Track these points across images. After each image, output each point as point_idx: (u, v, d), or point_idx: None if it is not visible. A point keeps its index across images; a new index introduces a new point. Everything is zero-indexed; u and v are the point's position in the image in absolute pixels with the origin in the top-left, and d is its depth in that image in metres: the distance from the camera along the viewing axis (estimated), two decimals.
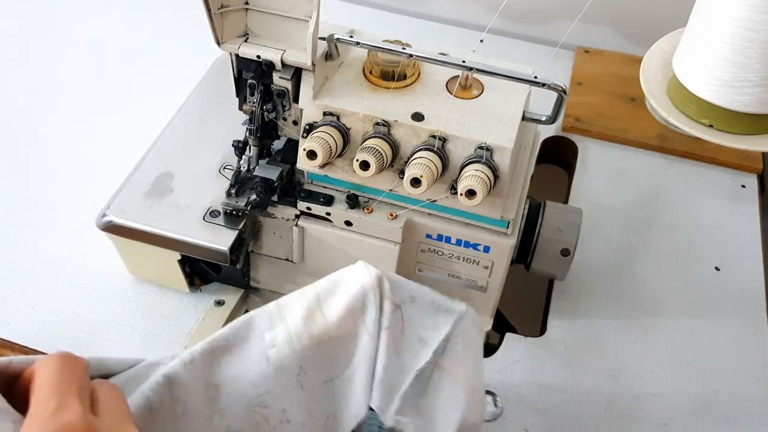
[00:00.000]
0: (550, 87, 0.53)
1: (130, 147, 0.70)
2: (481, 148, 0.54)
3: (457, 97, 0.57)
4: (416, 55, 0.55)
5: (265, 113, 0.60)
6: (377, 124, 0.55)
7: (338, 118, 0.56)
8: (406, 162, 0.55)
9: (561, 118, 0.75)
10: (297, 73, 0.57)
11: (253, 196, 0.61)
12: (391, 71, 0.57)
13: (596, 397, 0.63)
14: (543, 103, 0.59)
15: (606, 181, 0.82)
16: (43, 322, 0.65)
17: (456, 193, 0.54)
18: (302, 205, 0.61)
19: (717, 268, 0.74)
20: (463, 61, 0.55)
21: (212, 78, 0.76)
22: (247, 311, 0.49)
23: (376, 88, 0.58)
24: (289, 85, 0.58)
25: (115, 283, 0.69)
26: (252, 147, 0.61)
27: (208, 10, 0.53)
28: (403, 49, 0.55)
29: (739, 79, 0.61)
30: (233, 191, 0.62)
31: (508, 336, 0.67)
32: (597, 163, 0.84)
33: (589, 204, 0.78)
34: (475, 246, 0.60)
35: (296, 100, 0.58)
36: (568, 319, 0.69)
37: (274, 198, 0.61)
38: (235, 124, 0.63)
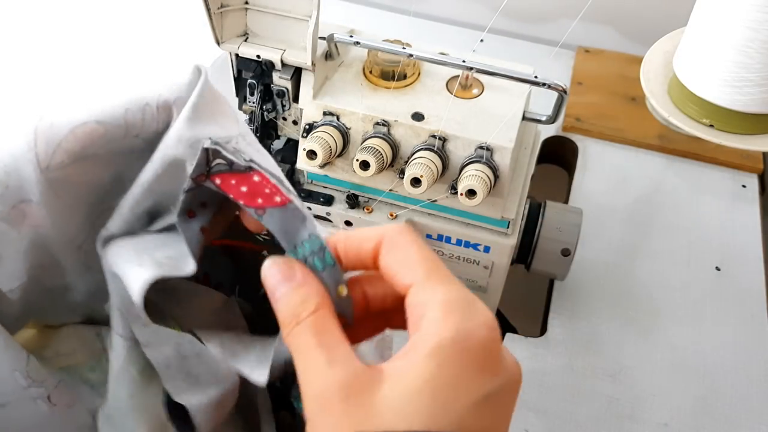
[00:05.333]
0: (550, 87, 0.53)
1: None
2: (481, 147, 0.54)
3: (457, 96, 0.57)
4: (416, 55, 0.55)
5: (265, 113, 0.59)
6: (377, 123, 0.55)
7: (338, 118, 0.56)
8: (406, 162, 0.55)
9: (561, 117, 0.74)
10: (297, 73, 0.57)
11: None
12: (391, 71, 0.57)
13: (597, 397, 0.63)
14: (543, 102, 0.59)
15: (606, 181, 0.82)
16: None
17: (456, 193, 0.54)
18: None
19: (717, 268, 0.74)
20: (464, 61, 0.54)
21: (211, 78, 0.76)
22: None
23: (376, 88, 0.58)
24: (288, 84, 0.57)
25: None
26: None
27: (208, 9, 0.53)
28: (403, 48, 0.55)
29: (740, 79, 0.61)
30: None
31: (509, 336, 0.67)
32: (597, 163, 0.84)
33: (590, 204, 0.78)
34: (475, 246, 0.60)
35: (296, 99, 0.58)
36: (568, 319, 0.69)
37: None
38: None
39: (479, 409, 0.24)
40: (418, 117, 0.55)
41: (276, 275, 0.28)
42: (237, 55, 0.57)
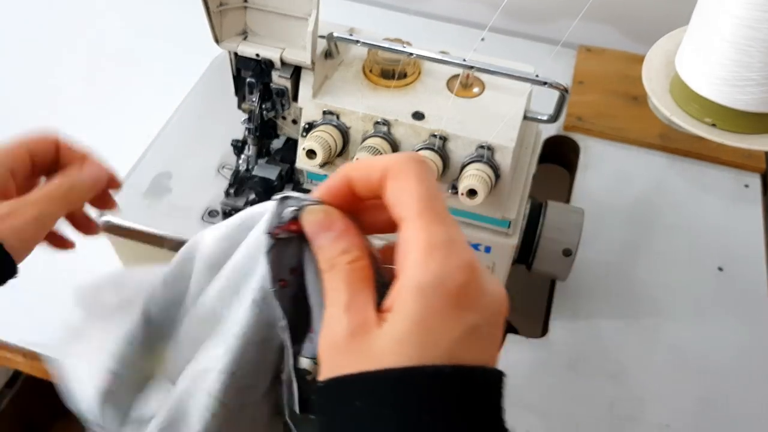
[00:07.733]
0: (551, 86, 0.53)
1: (128, 146, 0.69)
2: (482, 147, 0.53)
3: (457, 96, 0.57)
4: (416, 54, 0.55)
5: (264, 112, 0.59)
6: (377, 123, 0.55)
7: (338, 117, 0.56)
8: None
9: (563, 117, 0.74)
10: (296, 72, 0.57)
11: (252, 196, 0.60)
12: (392, 70, 0.57)
13: (598, 398, 0.63)
14: (544, 102, 0.59)
15: (608, 181, 0.82)
16: (40, 322, 0.65)
17: (457, 192, 0.53)
18: None
19: (720, 269, 0.73)
20: (464, 60, 0.54)
21: (211, 76, 0.75)
22: None
23: (376, 87, 0.57)
24: (288, 83, 0.57)
25: None
26: (251, 146, 0.61)
27: (207, 8, 0.53)
28: (404, 47, 0.55)
29: (742, 78, 0.61)
30: (232, 191, 0.61)
31: (510, 337, 0.67)
32: (599, 163, 0.84)
33: (591, 204, 0.77)
34: (476, 246, 0.59)
35: (295, 98, 0.58)
36: (569, 320, 0.68)
37: None
38: (234, 123, 0.62)
39: (466, 341, 0.26)
40: (418, 116, 0.55)
41: (317, 223, 0.30)
42: (236, 54, 0.57)
